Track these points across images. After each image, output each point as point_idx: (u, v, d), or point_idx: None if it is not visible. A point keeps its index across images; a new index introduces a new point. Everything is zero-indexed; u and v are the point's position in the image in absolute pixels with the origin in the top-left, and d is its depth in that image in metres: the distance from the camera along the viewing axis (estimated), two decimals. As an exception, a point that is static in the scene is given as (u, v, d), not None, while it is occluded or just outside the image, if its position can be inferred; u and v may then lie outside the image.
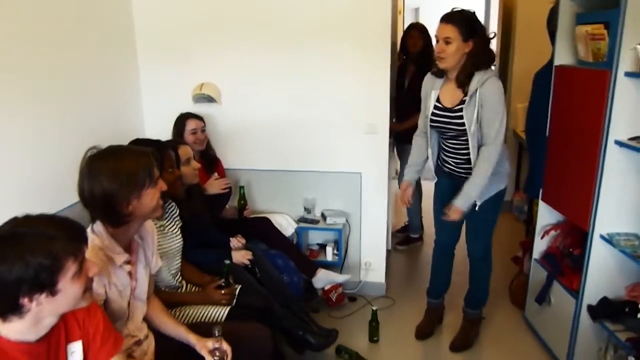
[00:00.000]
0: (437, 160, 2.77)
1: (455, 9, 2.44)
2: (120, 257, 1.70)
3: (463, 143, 2.54)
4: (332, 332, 2.68)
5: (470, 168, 2.52)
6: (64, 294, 1.25)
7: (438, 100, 2.56)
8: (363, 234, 3.43)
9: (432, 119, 2.59)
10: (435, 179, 2.84)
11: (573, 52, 2.60)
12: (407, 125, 3.64)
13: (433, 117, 2.58)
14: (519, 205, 4.60)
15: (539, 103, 2.89)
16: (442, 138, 2.65)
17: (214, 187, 2.97)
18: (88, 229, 1.64)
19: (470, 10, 2.44)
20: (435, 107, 2.57)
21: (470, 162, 2.52)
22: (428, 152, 2.72)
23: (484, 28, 2.46)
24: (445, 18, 2.41)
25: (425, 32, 3.84)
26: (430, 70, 2.64)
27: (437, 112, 2.56)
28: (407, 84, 3.89)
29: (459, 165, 2.62)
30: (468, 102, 2.43)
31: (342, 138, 3.26)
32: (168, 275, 2.28)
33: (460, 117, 2.47)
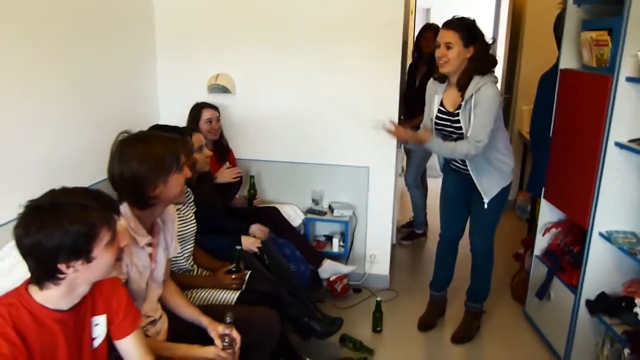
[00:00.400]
0: (444, 159, 2.83)
1: (456, 17, 2.50)
2: (143, 238, 1.76)
3: None
4: (336, 320, 2.72)
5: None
6: (98, 262, 1.32)
7: (442, 104, 2.62)
8: (369, 227, 3.47)
9: (436, 122, 2.65)
10: (442, 176, 2.90)
11: (578, 56, 2.64)
12: (415, 123, 3.69)
13: (437, 120, 2.64)
14: (522, 205, 4.60)
15: (544, 105, 2.93)
16: (447, 140, 2.71)
17: (226, 176, 3.02)
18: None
19: (471, 18, 2.49)
20: (439, 110, 2.63)
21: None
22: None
23: (484, 34, 2.50)
24: (447, 25, 2.47)
25: None
26: (433, 76, 2.69)
27: (440, 115, 2.63)
28: (418, 83, 3.93)
29: (465, 163, 2.66)
30: (464, 106, 2.48)
31: (351, 133, 3.30)
32: (181, 259, 2.33)
33: (459, 120, 2.53)
